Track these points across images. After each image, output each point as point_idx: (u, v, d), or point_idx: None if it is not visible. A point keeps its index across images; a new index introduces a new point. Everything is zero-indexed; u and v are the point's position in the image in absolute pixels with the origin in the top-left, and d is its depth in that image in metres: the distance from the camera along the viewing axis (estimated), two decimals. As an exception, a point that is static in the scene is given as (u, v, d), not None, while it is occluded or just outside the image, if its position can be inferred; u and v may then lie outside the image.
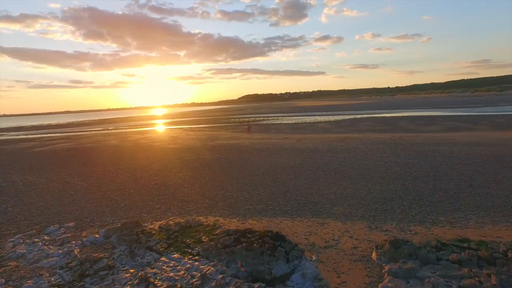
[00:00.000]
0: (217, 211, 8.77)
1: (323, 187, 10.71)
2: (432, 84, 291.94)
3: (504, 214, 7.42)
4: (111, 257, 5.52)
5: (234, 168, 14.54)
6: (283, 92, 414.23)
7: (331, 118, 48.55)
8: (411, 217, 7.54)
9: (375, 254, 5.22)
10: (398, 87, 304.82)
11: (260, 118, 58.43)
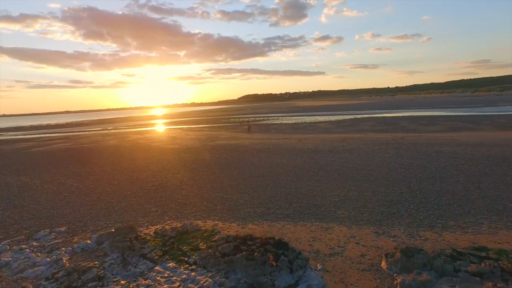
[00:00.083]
0: (216, 215, 8.39)
1: (325, 189, 10.35)
2: (432, 84, 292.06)
3: (517, 219, 7.07)
4: (101, 266, 5.13)
5: (234, 169, 14.18)
6: (283, 92, 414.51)
7: (332, 118, 48.20)
8: (419, 222, 7.18)
9: (385, 263, 4.86)
10: (398, 87, 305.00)
11: (260, 118, 58.06)
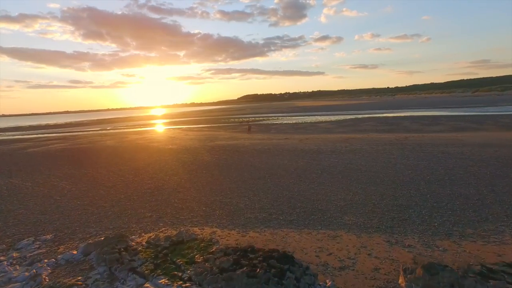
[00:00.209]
0: (214, 221, 7.85)
1: (330, 192, 9.81)
2: (432, 84, 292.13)
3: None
4: (84, 283, 4.57)
5: (234, 170, 13.63)
6: (282, 92, 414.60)
7: (332, 118, 47.67)
8: (434, 229, 6.63)
9: (403, 280, 4.32)
10: (397, 87, 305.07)
11: (260, 118, 57.52)
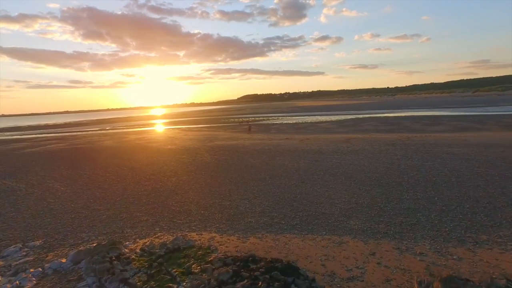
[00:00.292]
0: (213, 225, 7.48)
1: (334, 194, 9.45)
2: (432, 84, 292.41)
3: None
4: (71, 296, 4.25)
5: (233, 171, 13.27)
6: (282, 92, 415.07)
7: (333, 118, 47.34)
8: (445, 235, 6.26)
9: (418, 293, 3.96)
10: (397, 87, 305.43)
11: (260, 118, 57.18)
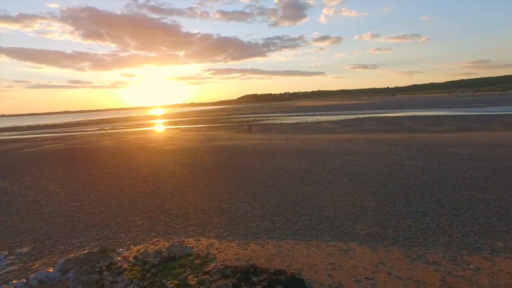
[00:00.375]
0: (211, 230, 7.11)
1: (337, 197, 9.08)
2: (432, 84, 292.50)
3: None
4: (55, 313, 3.89)
5: (233, 172, 12.90)
6: (282, 92, 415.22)
7: (333, 118, 47.00)
8: (458, 241, 5.89)
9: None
10: (397, 87, 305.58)
11: (260, 118, 56.85)
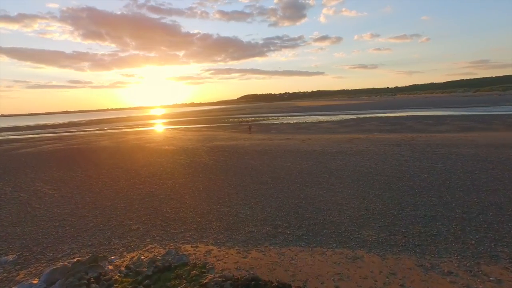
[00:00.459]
0: (210, 236, 6.73)
1: (341, 200, 8.71)
2: (432, 84, 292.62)
3: None
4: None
5: (233, 174, 12.53)
6: (282, 92, 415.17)
7: (334, 118, 46.67)
8: (473, 249, 5.52)
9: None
10: (397, 87, 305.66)
11: (260, 118, 56.52)
